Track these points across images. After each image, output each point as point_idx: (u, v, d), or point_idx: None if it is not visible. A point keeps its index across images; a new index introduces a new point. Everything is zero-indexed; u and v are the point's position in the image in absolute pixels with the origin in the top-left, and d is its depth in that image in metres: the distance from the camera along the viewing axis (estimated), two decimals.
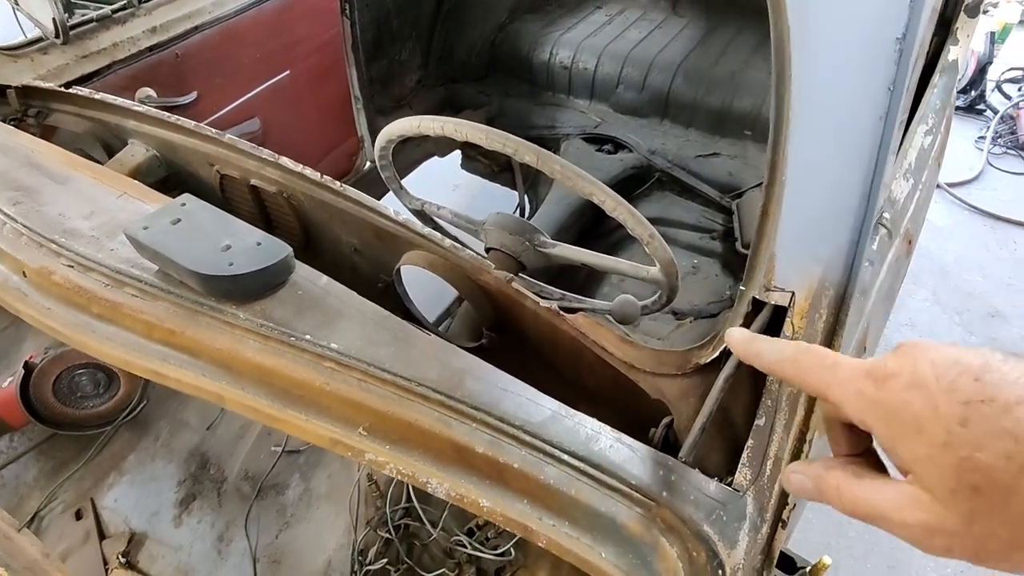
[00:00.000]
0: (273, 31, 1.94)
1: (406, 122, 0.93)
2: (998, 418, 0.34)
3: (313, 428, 0.64)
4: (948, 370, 0.37)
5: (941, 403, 0.36)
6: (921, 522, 0.38)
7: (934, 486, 0.37)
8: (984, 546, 0.36)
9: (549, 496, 0.61)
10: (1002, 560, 0.36)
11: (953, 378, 0.36)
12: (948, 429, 0.35)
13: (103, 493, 1.10)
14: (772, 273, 0.60)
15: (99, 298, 0.71)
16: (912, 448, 0.38)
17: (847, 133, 0.56)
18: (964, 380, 0.36)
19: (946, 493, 0.36)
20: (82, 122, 1.10)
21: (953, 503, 0.36)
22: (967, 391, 0.35)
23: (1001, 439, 0.34)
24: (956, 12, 1.26)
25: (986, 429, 0.34)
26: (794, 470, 0.49)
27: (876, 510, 0.41)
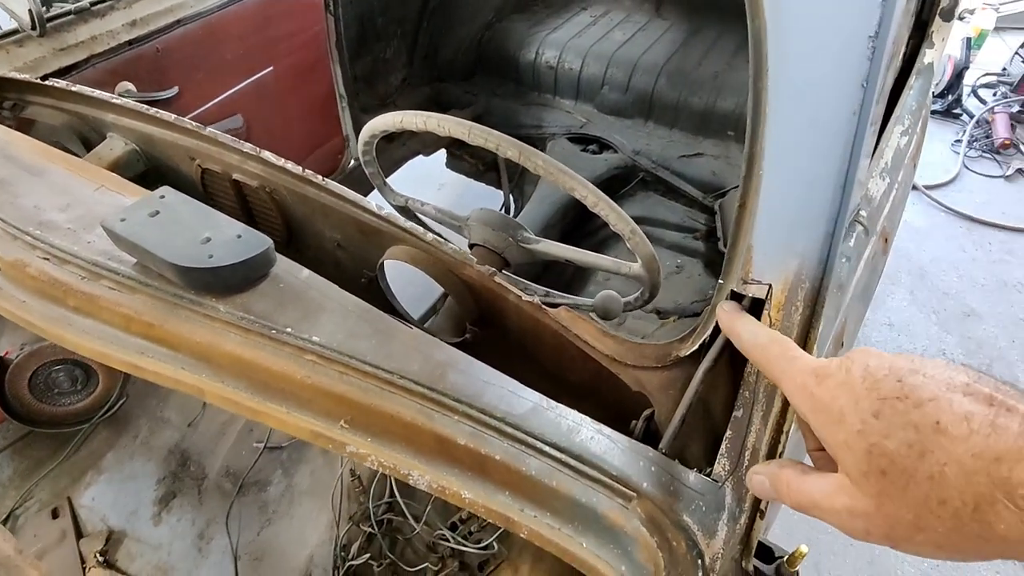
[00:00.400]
0: (256, 26, 1.92)
1: (389, 117, 0.93)
2: (907, 412, 0.38)
3: (294, 421, 0.64)
4: (877, 372, 0.41)
5: (862, 399, 0.40)
6: (845, 506, 0.41)
7: (850, 469, 0.41)
8: (893, 527, 0.39)
9: (531, 487, 0.62)
10: (908, 542, 0.39)
11: (879, 379, 0.40)
12: (863, 419, 0.40)
13: (80, 492, 1.08)
14: (750, 265, 0.61)
15: (76, 291, 0.70)
16: (835, 435, 0.42)
17: (821, 128, 0.57)
18: (887, 381, 0.40)
19: (859, 475, 0.40)
20: (60, 115, 1.09)
21: (866, 485, 0.40)
22: (886, 390, 0.40)
23: (905, 429, 0.38)
24: (931, 15, 1.29)
25: (895, 421, 0.38)
26: (755, 471, 0.53)
27: (812, 500, 0.45)
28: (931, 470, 0.36)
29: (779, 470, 0.50)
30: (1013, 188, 3.40)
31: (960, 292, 2.82)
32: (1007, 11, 4.56)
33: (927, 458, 0.36)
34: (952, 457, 0.35)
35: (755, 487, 0.53)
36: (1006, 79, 3.95)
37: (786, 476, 0.48)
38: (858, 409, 0.40)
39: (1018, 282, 2.87)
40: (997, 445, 0.34)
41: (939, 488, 0.36)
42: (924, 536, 0.37)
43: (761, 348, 0.53)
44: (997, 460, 0.34)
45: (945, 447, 0.36)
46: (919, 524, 0.37)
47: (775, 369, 0.50)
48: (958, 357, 2.55)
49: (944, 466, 0.35)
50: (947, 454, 0.35)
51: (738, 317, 0.59)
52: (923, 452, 0.36)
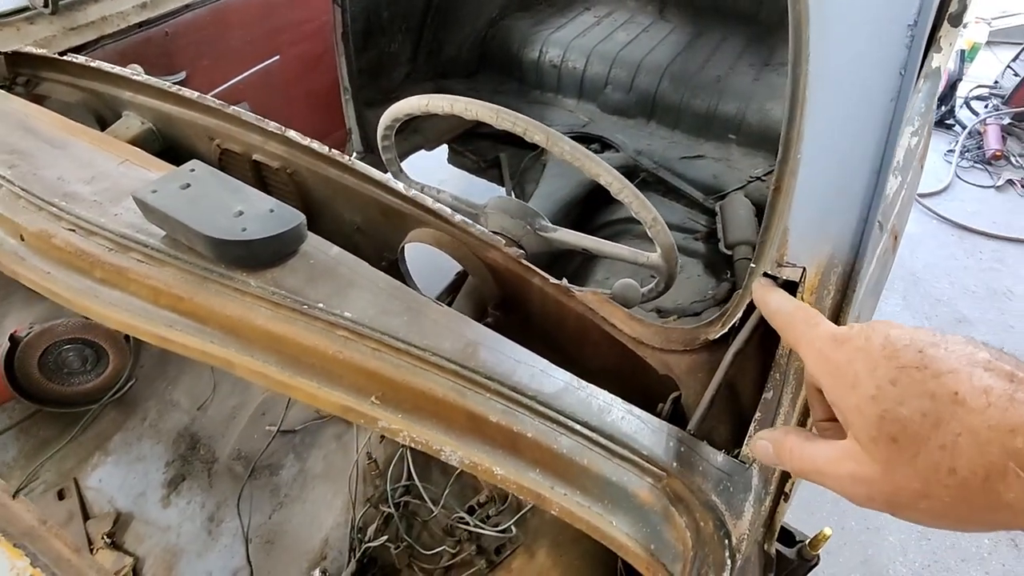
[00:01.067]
0: (264, 14, 1.92)
1: (415, 100, 0.93)
2: (925, 381, 0.38)
3: (325, 396, 0.64)
4: (898, 342, 0.41)
5: (880, 366, 0.40)
6: (849, 472, 0.41)
7: (860, 434, 0.41)
8: (897, 494, 0.39)
9: (562, 465, 0.62)
10: (911, 509, 0.39)
11: (898, 348, 0.40)
12: (879, 385, 0.40)
13: (87, 473, 1.07)
14: (785, 248, 0.61)
15: (102, 263, 0.70)
16: (847, 399, 0.42)
17: (860, 113, 0.58)
18: (908, 351, 0.40)
19: (869, 440, 0.40)
20: (74, 92, 1.08)
21: (875, 450, 0.40)
22: (906, 359, 0.39)
23: (921, 398, 0.37)
24: (940, 20, 1.31)
25: (912, 389, 0.38)
26: (759, 436, 0.53)
27: (815, 466, 0.45)
28: (944, 440, 0.36)
29: (784, 436, 0.50)
30: (1003, 198, 3.46)
31: (952, 299, 2.87)
32: (999, 25, 4.65)
33: (941, 427, 0.36)
34: (967, 427, 0.35)
35: (758, 452, 0.53)
36: (998, 92, 4.03)
37: (790, 442, 0.48)
38: (875, 375, 0.40)
39: (1008, 290, 2.92)
40: (1013, 418, 0.34)
41: (950, 457, 0.36)
42: (928, 504, 0.38)
43: (786, 314, 0.53)
44: (1012, 432, 0.34)
45: (961, 418, 0.36)
46: (925, 492, 0.37)
47: (796, 333, 0.51)
48: None
49: (958, 436, 0.36)
50: (962, 424, 0.36)
51: (771, 289, 0.60)
52: (938, 421, 0.36)
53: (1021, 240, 3.18)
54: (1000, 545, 2.04)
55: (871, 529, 2.06)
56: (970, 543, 2.05)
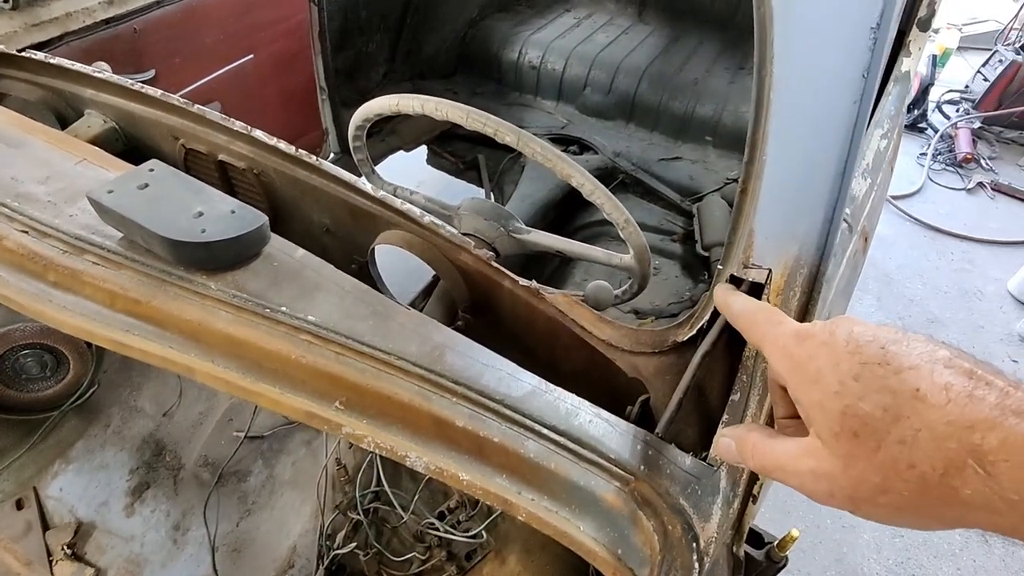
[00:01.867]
0: (237, 12, 1.88)
1: (384, 100, 0.92)
2: (887, 377, 0.38)
3: (288, 401, 0.62)
4: (860, 338, 0.41)
5: (842, 361, 0.41)
6: (810, 468, 0.42)
7: (822, 430, 0.41)
8: (858, 489, 0.39)
9: (529, 470, 0.61)
10: (871, 504, 0.39)
11: (861, 344, 0.40)
12: (841, 381, 0.40)
13: (47, 482, 1.04)
14: (751, 250, 0.61)
15: (56, 265, 0.67)
16: (810, 395, 0.42)
17: (824, 115, 0.58)
18: (870, 347, 0.40)
19: (830, 436, 0.40)
20: (34, 90, 1.04)
21: (835, 446, 0.40)
22: (868, 354, 0.40)
23: (882, 393, 0.38)
24: (909, 25, 1.33)
25: (873, 385, 0.38)
26: (721, 433, 0.54)
27: (777, 463, 0.45)
28: (904, 434, 0.37)
29: (746, 433, 0.50)
30: (974, 200, 3.54)
31: (924, 299, 2.92)
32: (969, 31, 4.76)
33: (901, 423, 0.37)
34: (926, 423, 0.36)
35: (721, 450, 0.53)
36: (968, 96, 4.13)
37: (753, 439, 0.48)
38: (837, 371, 0.40)
39: (978, 290, 2.98)
40: (972, 414, 0.35)
41: (909, 452, 0.36)
42: (887, 499, 0.38)
43: (749, 315, 0.53)
44: (970, 428, 0.34)
45: (921, 413, 0.36)
46: (884, 487, 0.38)
47: (759, 332, 0.51)
48: None
49: (918, 431, 0.36)
50: (922, 420, 0.36)
51: (732, 292, 0.60)
52: (898, 416, 0.37)
53: (990, 241, 3.25)
54: (971, 541, 2.08)
55: (846, 527, 2.09)
56: (941, 540, 2.08)
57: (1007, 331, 2.78)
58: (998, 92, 3.89)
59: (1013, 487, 0.33)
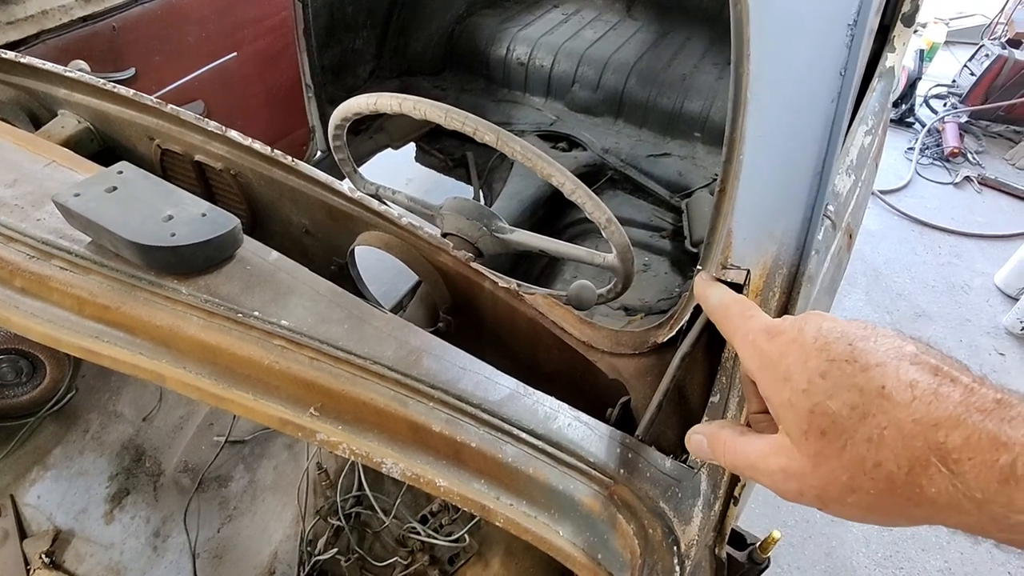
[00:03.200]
0: (220, 9, 1.86)
1: (362, 99, 0.90)
2: (854, 375, 0.38)
3: (261, 408, 0.61)
4: (829, 334, 0.41)
5: (811, 358, 0.40)
6: (781, 466, 0.41)
7: (791, 428, 0.41)
8: (827, 488, 0.39)
9: (507, 475, 0.60)
10: (839, 503, 0.39)
11: (829, 341, 0.40)
12: (809, 379, 0.40)
13: (24, 489, 1.02)
14: (729, 250, 0.61)
15: (23, 271, 0.66)
16: (779, 393, 0.42)
17: (801, 114, 0.57)
18: (838, 344, 0.40)
19: (799, 434, 0.40)
20: (6, 90, 1.02)
21: (804, 445, 0.40)
22: (836, 351, 0.40)
23: (850, 391, 0.38)
24: (893, 20, 1.33)
25: (841, 382, 0.38)
26: (694, 430, 0.53)
27: (748, 460, 0.45)
28: (870, 433, 0.36)
29: (718, 430, 0.50)
30: (961, 194, 3.55)
31: (912, 293, 2.93)
32: (957, 26, 4.78)
33: (868, 421, 0.37)
34: (892, 421, 0.36)
35: (693, 447, 0.53)
36: (955, 90, 4.14)
37: (724, 436, 0.48)
38: (806, 368, 0.40)
39: (965, 284, 3.00)
40: (937, 412, 0.35)
41: (876, 450, 0.36)
42: (855, 498, 0.38)
43: (723, 307, 0.53)
44: (935, 426, 0.34)
45: (887, 411, 0.36)
46: (852, 485, 0.37)
47: (730, 326, 0.51)
48: None
49: (884, 429, 0.36)
50: (888, 418, 0.36)
51: (711, 283, 0.59)
52: (865, 415, 0.37)
53: (977, 235, 3.27)
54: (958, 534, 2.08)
55: (835, 522, 2.09)
56: (929, 533, 2.10)
57: (993, 324, 2.80)
58: (985, 86, 3.90)
59: (978, 485, 0.33)
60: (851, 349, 0.39)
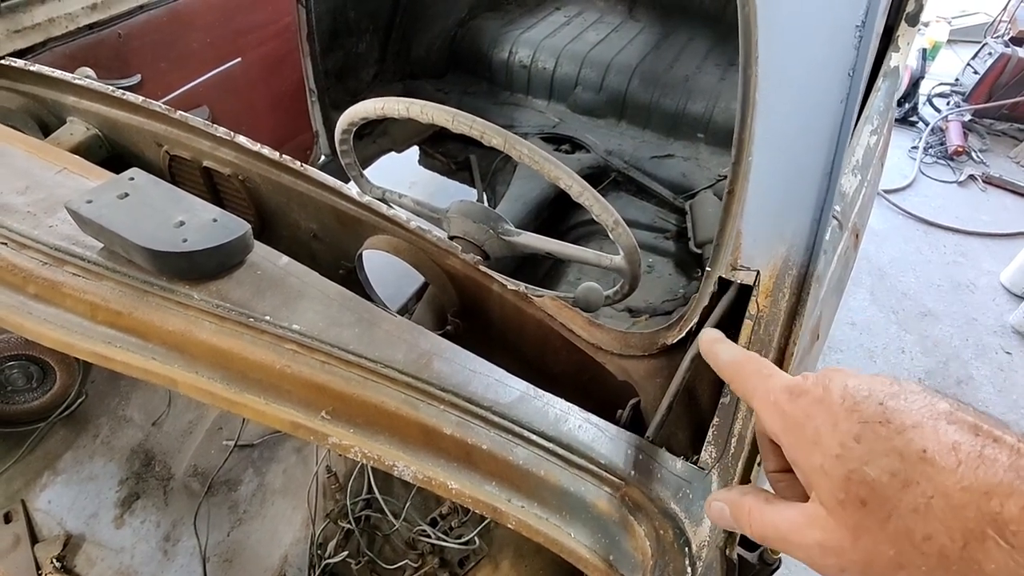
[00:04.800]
0: (224, 15, 1.86)
1: (370, 103, 0.91)
2: (890, 438, 0.35)
3: (273, 412, 0.62)
4: (856, 393, 0.38)
5: (841, 420, 0.38)
6: (817, 540, 0.38)
7: (825, 498, 0.38)
8: (871, 564, 0.36)
9: (518, 477, 0.61)
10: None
11: (858, 400, 0.38)
12: (842, 443, 0.37)
13: (35, 494, 1.02)
14: (738, 251, 0.61)
15: (36, 277, 0.66)
16: (809, 459, 0.39)
17: (810, 115, 0.58)
18: (868, 403, 0.37)
19: (835, 504, 0.37)
20: (15, 97, 1.03)
21: (842, 516, 0.37)
22: (867, 412, 0.37)
23: (888, 456, 0.35)
24: (897, 20, 1.33)
25: (877, 447, 0.36)
26: (714, 498, 0.50)
27: (779, 532, 0.42)
28: (916, 502, 0.34)
29: (740, 498, 0.46)
30: (965, 193, 3.54)
31: (917, 292, 2.92)
32: (959, 24, 4.77)
33: (911, 489, 0.34)
34: (939, 489, 0.33)
35: (713, 516, 0.49)
36: (959, 89, 4.14)
37: (748, 504, 0.45)
38: (837, 431, 0.37)
39: (970, 283, 2.99)
40: (987, 477, 0.32)
41: (924, 522, 0.33)
42: (906, 574, 0.34)
43: (736, 365, 0.50)
44: (987, 494, 0.32)
45: (932, 478, 0.33)
46: (900, 561, 0.34)
47: (747, 386, 0.48)
48: (916, 356, 2.64)
49: (931, 498, 0.33)
50: (934, 485, 0.33)
51: (719, 341, 0.57)
52: (907, 482, 0.34)
53: (982, 234, 3.26)
54: None
55: None
56: None
57: (1000, 323, 2.79)
58: (988, 85, 3.90)
59: None
60: (883, 409, 0.36)
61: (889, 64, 1.33)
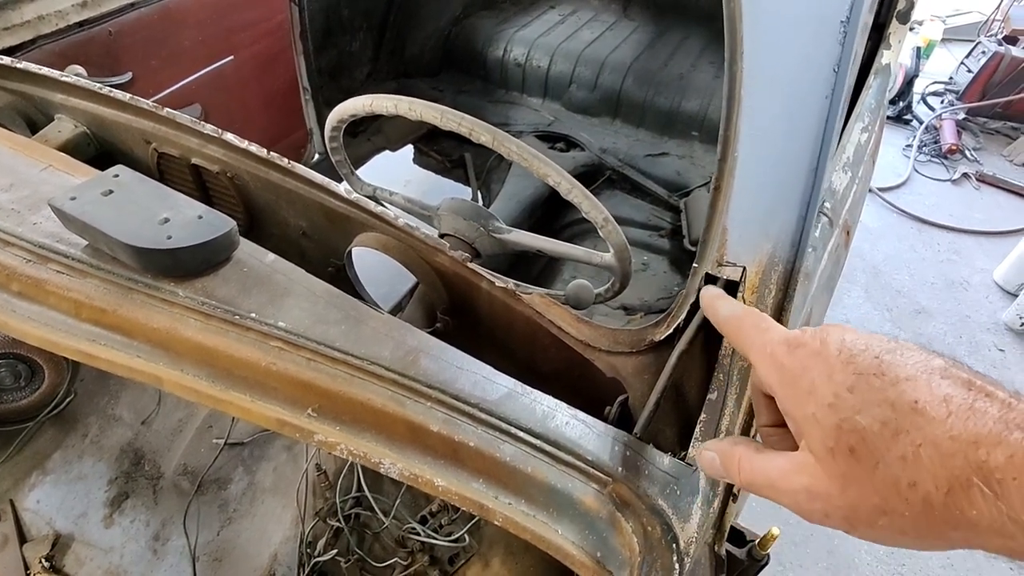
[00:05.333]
0: (217, 13, 1.86)
1: (359, 100, 0.91)
2: (883, 389, 0.36)
3: (259, 410, 0.61)
4: (854, 347, 0.39)
5: (836, 372, 0.38)
6: (804, 486, 0.39)
7: (815, 445, 0.39)
8: (856, 510, 0.37)
9: (505, 474, 0.60)
10: (869, 526, 0.37)
11: (855, 354, 0.39)
12: (836, 392, 0.38)
13: (24, 494, 1.02)
14: (724, 248, 0.61)
15: (20, 275, 0.66)
16: (802, 408, 0.40)
17: (795, 111, 0.57)
18: (864, 357, 0.38)
19: (825, 452, 0.38)
20: (2, 95, 1.02)
21: (831, 463, 0.37)
22: (863, 365, 0.38)
23: (880, 406, 0.36)
24: (889, 18, 1.33)
25: (870, 397, 0.36)
26: (705, 447, 0.51)
27: (767, 479, 0.42)
28: (904, 450, 0.34)
29: (731, 447, 0.47)
30: (959, 191, 3.56)
31: (911, 290, 2.93)
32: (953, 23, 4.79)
33: (901, 438, 0.34)
34: (928, 438, 0.34)
35: (704, 464, 0.50)
36: (953, 87, 4.15)
37: (739, 453, 0.46)
38: (831, 382, 0.38)
39: (964, 281, 3.00)
40: (975, 428, 0.33)
41: (911, 469, 0.34)
42: (887, 520, 0.36)
43: (735, 319, 0.51)
44: (975, 443, 0.32)
45: (922, 427, 0.34)
46: (884, 507, 0.35)
47: (745, 340, 0.48)
48: None
49: (919, 447, 0.34)
50: (923, 435, 0.34)
51: (719, 296, 0.57)
52: (897, 431, 0.35)
53: (976, 232, 3.27)
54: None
55: None
56: None
57: (993, 320, 2.80)
58: (982, 83, 3.91)
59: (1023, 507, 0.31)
60: (879, 362, 0.37)
61: (880, 62, 1.33)
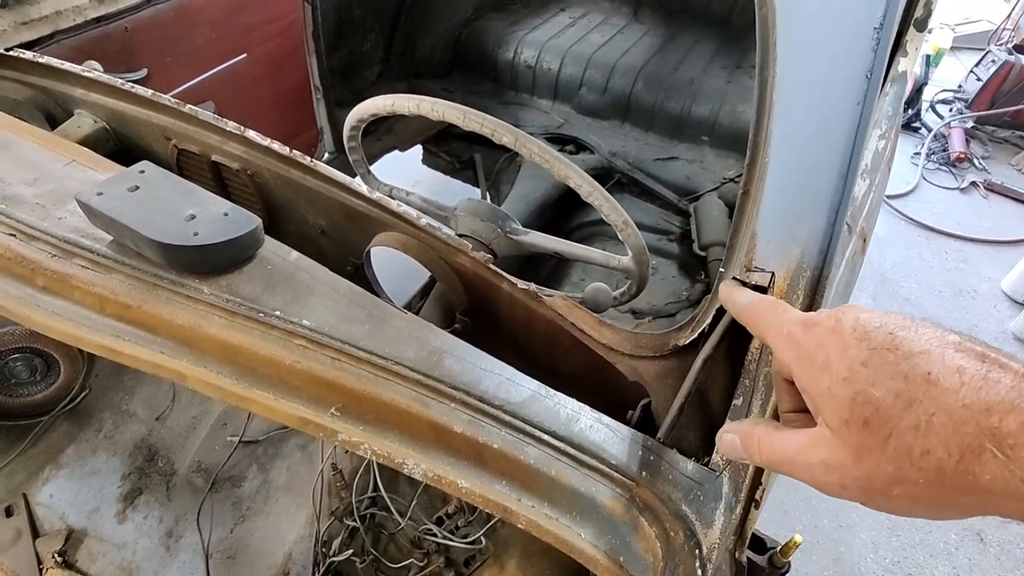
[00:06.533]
0: (231, 11, 1.86)
1: (380, 100, 0.91)
2: (897, 362, 0.37)
3: (282, 408, 0.61)
4: (868, 324, 0.40)
5: (851, 347, 0.39)
6: (821, 459, 0.40)
7: (831, 419, 0.39)
8: (871, 480, 0.37)
9: (529, 477, 0.60)
10: (885, 496, 0.38)
11: (869, 330, 0.39)
12: (850, 367, 0.39)
13: (37, 488, 1.02)
14: (753, 253, 0.61)
15: (45, 269, 0.66)
16: (818, 383, 0.41)
17: (827, 116, 0.57)
18: (879, 333, 0.39)
19: (840, 424, 0.39)
20: (23, 89, 1.02)
21: (846, 435, 0.38)
22: (877, 340, 0.39)
23: (894, 379, 0.37)
24: (906, 25, 1.33)
25: (884, 370, 0.37)
26: (725, 429, 0.52)
27: (785, 455, 0.44)
28: (917, 420, 0.35)
29: (752, 428, 0.48)
30: (967, 200, 3.55)
31: (919, 298, 2.93)
32: (963, 32, 4.78)
33: (914, 408, 0.35)
34: (941, 407, 0.34)
35: (724, 446, 0.51)
36: (961, 96, 4.15)
37: (758, 433, 0.47)
38: (846, 357, 0.39)
39: (972, 289, 2.99)
40: (988, 396, 0.33)
41: (924, 438, 0.35)
42: (902, 489, 0.36)
43: (752, 307, 0.52)
44: (987, 410, 0.33)
45: (934, 397, 0.35)
46: (898, 476, 0.36)
47: (762, 323, 0.49)
48: None
49: (932, 416, 0.35)
50: (936, 404, 0.35)
51: (737, 288, 0.59)
52: (911, 401, 0.35)
53: (984, 241, 3.26)
54: (966, 540, 2.08)
55: (843, 527, 2.09)
56: (937, 539, 2.09)
57: (1001, 330, 2.79)
58: (991, 92, 3.90)
59: None
60: (892, 338, 0.38)
61: (897, 69, 1.33)
